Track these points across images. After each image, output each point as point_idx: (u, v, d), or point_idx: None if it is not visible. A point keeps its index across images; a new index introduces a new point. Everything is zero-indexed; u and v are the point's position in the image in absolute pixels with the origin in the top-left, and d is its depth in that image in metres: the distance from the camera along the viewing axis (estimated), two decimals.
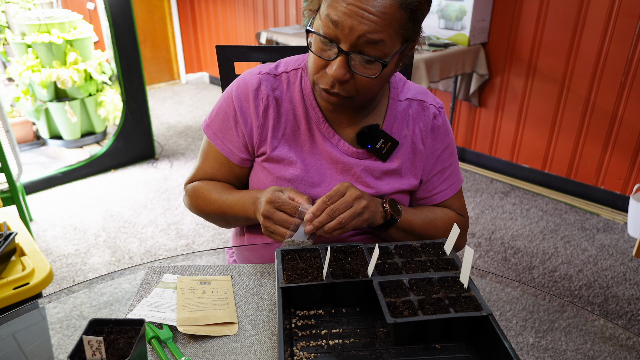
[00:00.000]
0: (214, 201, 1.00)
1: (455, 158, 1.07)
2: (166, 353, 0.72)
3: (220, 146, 1.01)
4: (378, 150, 0.97)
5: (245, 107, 0.98)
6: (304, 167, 0.98)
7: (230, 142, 1.00)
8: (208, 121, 1.03)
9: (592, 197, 2.83)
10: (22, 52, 3.23)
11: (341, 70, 0.82)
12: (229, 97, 1.00)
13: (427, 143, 1.02)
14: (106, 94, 3.55)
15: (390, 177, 1.00)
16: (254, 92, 0.97)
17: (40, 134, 3.60)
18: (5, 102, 3.38)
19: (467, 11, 2.82)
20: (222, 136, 1.01)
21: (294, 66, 1.00)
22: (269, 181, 0.99)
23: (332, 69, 0.82)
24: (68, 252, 2.40)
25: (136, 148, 3.37)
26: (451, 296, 0.72)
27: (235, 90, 0.99)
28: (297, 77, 0.99)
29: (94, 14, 4.29)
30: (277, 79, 0.99)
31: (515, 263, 2.33)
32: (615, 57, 2.52)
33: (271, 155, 0.98)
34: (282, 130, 0.98)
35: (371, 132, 0.96)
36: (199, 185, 1.04)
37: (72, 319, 0.84)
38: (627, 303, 2.05)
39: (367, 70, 0.83)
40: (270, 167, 0.99)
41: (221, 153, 1.01)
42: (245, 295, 0.85)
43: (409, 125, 1.00)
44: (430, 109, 1.02)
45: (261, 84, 0.97)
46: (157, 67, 5.24)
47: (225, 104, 1.00)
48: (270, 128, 0.97)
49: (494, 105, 3.10)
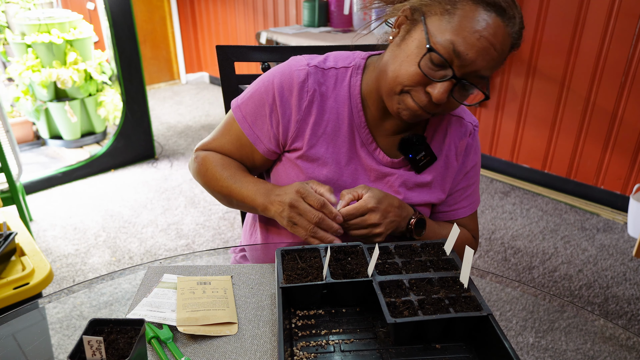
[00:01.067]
0: (224, 180, 0.97)
1: (478, 177, 1.07)
2: (166, 353, 0.72)
3: (248, 131, 0.97)
4: (417, 161, 0.96)
5: (287, 98, 0.93)
6: (338, 170, 0.96)
7: (260, 130, 0.96)
8: (240, 102, 0.98)
9: (592, 197, 2.82)
10: (22, 52, 3.23)
11: (446, 94, 0.80)
12: (269, 83, 0.94)
13: (459, 159, 1.02)
14: (106, 94, 3.55)
15: (421, 189, 1.00)
16: (299, 83, 0.92)
17: (40, 134, 3.60)
18: (5, 102, 3.38)
19: None
20: (253, 121, 0.96)
21: (344, 64, 0.95)
22: (299, 180, 0.95)
23: (435, 91, 0.80)
24: (68, 252, 2.40)
25: (136, 148, 3.37)
26: (451, 296, 0.72)
27: (279, 77, 0.93)
28: (346, 75, 0.95)
29: (94, 14, 4.29)
30: (325, 73, 0.94)
31: (515, 263, 2.33)
32: (615, 57, 2.52)
33: (307, 153, 0.95)
34: (322, 128, 0.94)
35: (418, 142, 0.94)
36: (212, 157, 0.99)
37: (72, 319, 0.84)
38: (627, 303, 2.05)
39: (463, 97, 0.84)
40: (303, 165, 0.96)
41: (246, 136, 0.97)
42: (245, 295, 0.85)
43: (446, 140, 1.00)
44: (468, 126, 1.02)
45: (309, 77, 0.92)
46: (157, 67, 5.24)
47: (264, 88, 0.94)
48: (311, 124, 0.94)
49: (494, 105, 3.10)
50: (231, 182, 0.96)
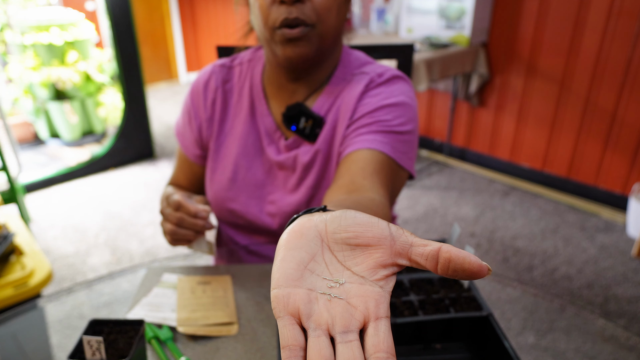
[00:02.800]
0: None
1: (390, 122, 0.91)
2: (166, 353, 0.72)
3: (181, 143, 1.01)
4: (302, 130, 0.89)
5: (197, 101, 0.96)
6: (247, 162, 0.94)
7: (187, 139, 0.99)
8: (178, 120, 1.03)
9: (592, 197, 2.82)
10: (22, 52, 3.23)
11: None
12: (187, 93, 0.99)
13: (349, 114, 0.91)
14: (106, 94, 3.55)
15: None
16: (204, 84, 0.95)
17: (40, 134, 3.60)
18: (5, 102, 3.38)
19: (467, 11, 2.81)
20: (182, 133, 1.00)
21: (251, 57, 0.97)
22: (208, 179, 0.97)
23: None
24: (68, 252, 2.40)
25: (136, 148, 3.37)
26: (451, 296, 0.72)
27: (192, 84, 0.98)
28: (251, 68, 0.96)
29: (94, 14, 4.29)
30: (231, 71, 0.96)
31: (515, 263, 2.33)
32: (615, 57, 2.52)
33: (215, 151, 0.96)
34: (229, 124, 0.95)
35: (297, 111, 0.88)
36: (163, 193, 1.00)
37: (72, 319, 0.84)
38: (627, 303, 2.05)
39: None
40: (213, 165, 0.97)
41: (182, 151, 1.01)
42: (245, 296, 0.85)
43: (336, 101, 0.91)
44: (369, 75, 0.90)
45: (212, 76, 0.95)
46: (156, 66, 5.24)
47: (186, 100, 0.99)
48: (217, 121, 0.95)
49: (493, 105, 3.10)
50: None
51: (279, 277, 0.36)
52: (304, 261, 0.37)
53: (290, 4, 0.77)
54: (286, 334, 0.33)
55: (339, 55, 0.92)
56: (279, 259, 0.37)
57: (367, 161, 0.77)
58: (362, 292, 0.35)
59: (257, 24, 0.84)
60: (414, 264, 0.36)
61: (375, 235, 0.37)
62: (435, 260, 0.35)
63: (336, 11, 0.82)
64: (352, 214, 0.38)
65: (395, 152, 0.81)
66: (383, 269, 0.36)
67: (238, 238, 1.00)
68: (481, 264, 0.34)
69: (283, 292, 0.35)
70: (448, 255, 0.34)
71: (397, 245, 0.36)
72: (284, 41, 0.80)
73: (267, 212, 0.94)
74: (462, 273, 0.34)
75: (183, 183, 1.04)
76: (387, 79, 0.89)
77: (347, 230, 0.38)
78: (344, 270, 0.37)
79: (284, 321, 0.33)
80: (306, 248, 0.37)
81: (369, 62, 0.94)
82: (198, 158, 1.00)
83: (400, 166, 0.82)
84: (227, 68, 0.97)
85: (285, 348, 0.32)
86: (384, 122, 0.83)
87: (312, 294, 0.35)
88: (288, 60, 0.82)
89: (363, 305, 0.34)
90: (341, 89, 0.89)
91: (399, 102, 0.85)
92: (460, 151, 3.38)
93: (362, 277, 0.36)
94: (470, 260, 0.34)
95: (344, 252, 0.38)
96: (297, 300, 0.34)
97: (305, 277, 0.36)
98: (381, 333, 0.32)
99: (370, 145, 0.80)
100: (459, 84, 3.15)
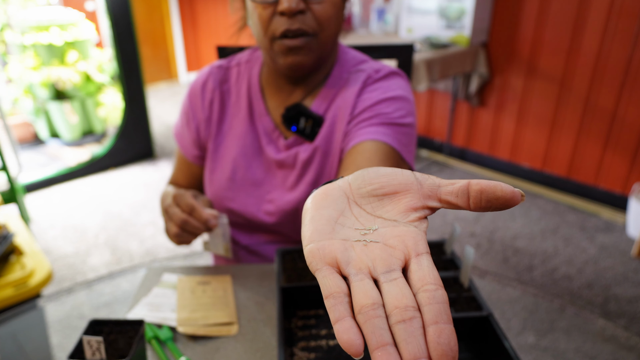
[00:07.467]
0: None
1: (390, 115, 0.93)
2: (166, 353, 0.72)
3: (180, 144, 1.01)
4: (302, 130, 0.90)
5: (194, 102, 0.97)
6: (246, 162, 0.94)
7: (185, 139, 1.00)
8: (176, 121, 1.03)
9: (592, 197, 2.82)
10: (22, 52, 3.23)
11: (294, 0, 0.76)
12: (185, 95, 1.00)
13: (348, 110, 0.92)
14: (106, 93, 3.55)
15: None
16: (201, 85, 0.96)
17: (40, 134, 3.60)
18: (6, 102, 3.38)
19: (467, 11, 2.82)
20: (181, 134, 1.01)
21: (249, 58, 0.97)
22: (207, 179, 0.98)
23: (284, 5, 0.76)
24: (68, 252, 2.40)
25: (136, 148, 3.37)
26: (451, 296, 0.72)
27: (190, 86, 0.99)
28: (249, 69, 0.96)
29: (94, 14, 4.29)
30: (228, 72, 0.97)
31: (515, 263, 2.33)
32: (615, 57, 2.52)
33: (214, 151, 0.97)
34: (227, 125, 0.96)
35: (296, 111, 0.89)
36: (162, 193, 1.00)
37: (72, 319, 0.84)
38: (627, 303, 2.05)
39: None
40: (211, 165, 0.97)
41: (181, 152, 1.02)
42: (245, 296, 0.85)
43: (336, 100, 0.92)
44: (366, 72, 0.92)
45: (209, 77, 0.96)
46: (156, 66, 5.24)
47: (184, 102, 1.00)
48: (215, 122, 0.96)
49: (493, 105, 3.10)
50: None
51: (311, 234, 0.35)
52: (333, 217, 0.37)
53: (291, 17, 0.78)
54: (327, 283, 0.32)
55: (335, 55, 0.93)
56: (308, 219, 0.37)
57: (373, 152, 0.78)
58: (397, 232, 0.35)
59: (256, 32, 0.84)
60: (445, 204, 0.36)
61: (401, 182, 0.37)
62: (466, 195, 0.35)
63: (336, 17, 0.83)
64: (374, 169, 0.38)
65: (398, 144, 0.82)
66: (414, 212, 0.36)
67: (238, 238, 1.00)
68: (514, 190, 0.34)
69: (317, 246, 0.34)
70: (478, 187, 0.34)
71: (425, 188, 0.36)
72: (285, 51, 0.81)
73: (265, 210, 0.94)
74: (496, 202, 0.34)
75: (182, 183, 1.05)
76: (385, 75, 0.90)
77: (372, 183, 0.37)
78: (374, 220, 0.37)
79: (323, 272, 0.32)
80: (333, 206, 0.37)
81: (365, 60, 0.95)
82: (196, 158, 1.00)
83: (402, 159, 0.83)
84: (224, 69, 0.97)
85: (329, 297, 0.31)
86: (385, 114, 0.84)
87: (347, 243, 0.35)
88: (289, 68, 0.84)
89: (401, 244, 0.34)
90: (339, 87, 0.91)
91: (398, 95, 0.87)
92: (460, 151, 3.38)
93: (395, 221, 0.36)
94: (502, 188, 0.34)
95: (372, 204, 0.37)
96: (334, 250, 0.34)
97: (337, 230, 0.36)
98: (425, 267, 0.32)
99: (374, 137, 0.80)
100: (459, 84, 3.15)
